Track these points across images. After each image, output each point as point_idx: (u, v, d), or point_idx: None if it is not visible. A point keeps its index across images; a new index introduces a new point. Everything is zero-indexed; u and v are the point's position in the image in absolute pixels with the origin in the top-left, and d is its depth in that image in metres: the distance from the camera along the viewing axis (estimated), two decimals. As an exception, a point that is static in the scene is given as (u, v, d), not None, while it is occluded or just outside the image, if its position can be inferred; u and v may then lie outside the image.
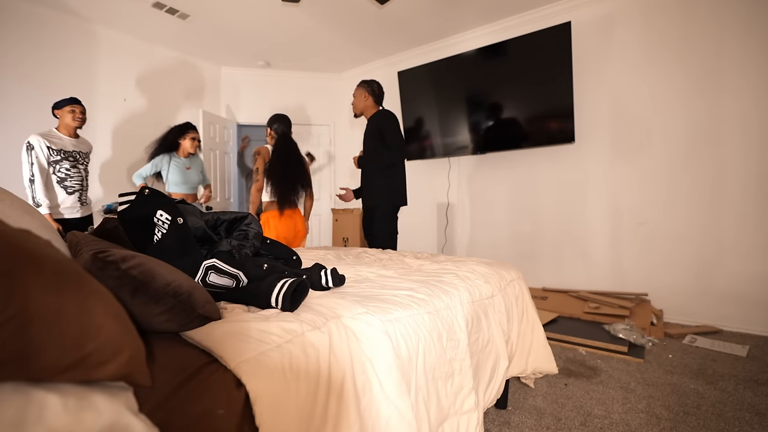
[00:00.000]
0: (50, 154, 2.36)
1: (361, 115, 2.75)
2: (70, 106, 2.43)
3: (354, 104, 2.74)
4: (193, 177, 3.04)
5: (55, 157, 2.36)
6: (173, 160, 2.94)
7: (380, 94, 2.71)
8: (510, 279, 1.48)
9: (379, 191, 2.62)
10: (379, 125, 2.58)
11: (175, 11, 3.24)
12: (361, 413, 0.72)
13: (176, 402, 0.53)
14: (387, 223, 2.62)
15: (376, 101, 2.70)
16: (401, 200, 2.66)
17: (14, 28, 3.00)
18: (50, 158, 2.36)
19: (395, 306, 0.95)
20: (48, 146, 2.34)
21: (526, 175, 3.40)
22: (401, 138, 2.61)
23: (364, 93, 2.69)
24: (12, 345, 0.35)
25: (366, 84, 2.70)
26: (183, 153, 3.00)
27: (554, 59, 3.01)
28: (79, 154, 2.51)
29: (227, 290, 0.91)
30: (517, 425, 1.43)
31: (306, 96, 4.80)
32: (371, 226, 2.67)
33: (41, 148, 2.33)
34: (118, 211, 0.96)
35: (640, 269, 2.86)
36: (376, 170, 2.63)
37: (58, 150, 2.38)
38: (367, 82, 2.71)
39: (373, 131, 2.62)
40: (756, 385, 1.73)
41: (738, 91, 2.50)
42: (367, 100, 2.69)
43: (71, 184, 2.46)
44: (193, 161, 3.07)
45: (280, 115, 2.74)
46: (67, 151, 2.43)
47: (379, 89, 2.71)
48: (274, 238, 2.54)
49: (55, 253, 0.43)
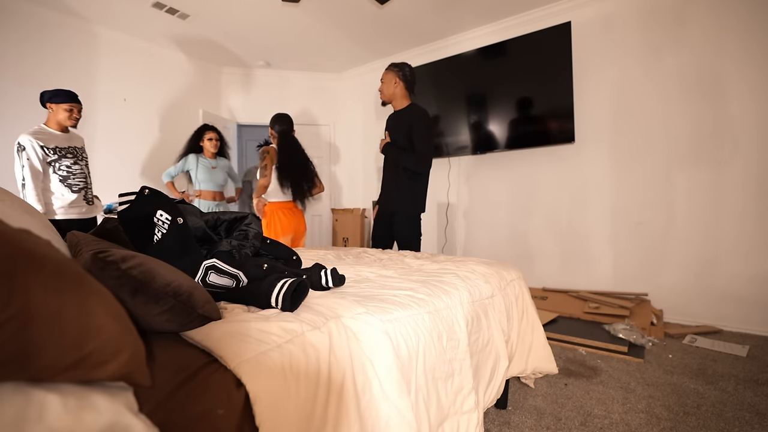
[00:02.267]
0: (46, 154, 2.19)
1: (388, 103, 2.45)
2: (69, 104, 2.28)
3: (381, 90, 2.43)
4: (219, 176, 3.27)
5: (52, 156, 2.20)
6: (200, 160, 3.20)
7: (412, 80, 2.40)
8: (510, 279, 1.48)
9: (401, 196, 2.36)
10: (411, 127, 2.31)
11: (175, 11, 3.24)
12: (361, 413, 0.72)
13: (176, 402, 0.53)
14: (411, 230, 2.38)
15: (407, 88, 2.39)
16: (422, 207, 2.42)
17: (14, 28, 3.00)
18: (47, 158, 2.20)
19: (395, 306, 0.95)
20: (42, 145, 2.17)
21: (526, 175, 3.40)
22: (432, 145, 2.32)
23: (393, 78, 2.36)
24: (12, 345, 0.35)
25: (396, 68, 2.37)
26: (207, 153, 3.23)
27: (554, 59, 3.01)
28: (75, 150, 2.35)
29: (227, 290, 0.91)
30: (517, 425, 1.43)
31: (306, 96, 4.80)
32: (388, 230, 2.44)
33: (34, 149, 2.15)
34: (118, 211, 0.96)
35: (640, 269, 2.86)
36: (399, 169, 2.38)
37: (54, 148, 2.22)
38: (398, 65, 2.38)
39: (403, 126, 2.34)
40: (756, 385, 1.73)
41: (738, 91, 2.50)
42: (396, 86, 2.37)
43: (75, 182, 2.31)
44: (220, 162, 3.31)
45: (279, 115, 2.74)
46: (63, 148, 2.26)
47: (412, 74, 2.39)
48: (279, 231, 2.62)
49: (55, 253, 0.43)
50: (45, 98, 2.28)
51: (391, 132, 2.43)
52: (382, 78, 2.44)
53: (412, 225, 2.40)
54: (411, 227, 2.39)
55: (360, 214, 4.32)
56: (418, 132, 2.28)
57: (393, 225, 2.42)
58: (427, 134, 2.31)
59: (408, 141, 2.32)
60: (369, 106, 4.60)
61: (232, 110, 4.65)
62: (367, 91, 4.61)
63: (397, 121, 2.39)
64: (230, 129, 4.54)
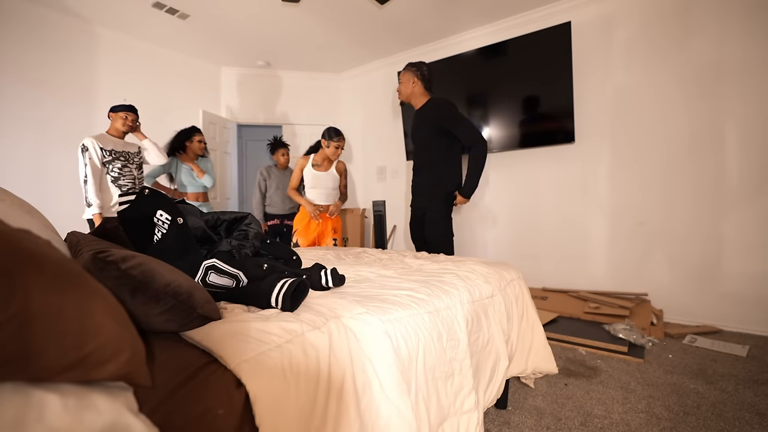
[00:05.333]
0: (103, 155, 2.49)
1: (407, 103, 2.47)
2: (124, 113, 2.60)
3: (400, 90, 2.45)
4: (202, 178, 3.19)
5: (107, 157, 2.50)
6: (181, 162, 3.11)
7: (430, 79, 2.41)
8: (510, 279, 1.48)
9: (432, 191, 2.34)
10: (439, 119, 2.29)
11: (175, 11, 3.24)
12: (361, 413, 0.72)
13: (176, 402, 0.53)
14: (442, 229, 2.35)
15: (425, 86, 2.41)
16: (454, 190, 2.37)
17: (13, 28, 3.00)
18: (104, 159, 2.49)
19: (395, 306, 0.95)
20: (101, 147, 2.47)
21: (526, 175, 3.40)
22: (474, 127, 2.29)
23: (411, 77, 2.39)
24: (12, 345, 0.35)
25: (413, 67, 2.40)
26: (191, 155, 3.15)
27: (554, 59, 3.01)
28: (128, 154, 2.63)
29: (227, 290, 0.91)
30: (517, 425, 1.43)
31: (306, 96, 4.80)
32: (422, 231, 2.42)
33: (95, 149, 2.44)
34: (118, 211, 0.96)
35: (640, 269, 2.86)
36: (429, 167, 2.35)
37: (110, 150, 2.52)
38: (415, 64, 2.41)
39: (427, 121, 2.33)
40: (756, 385, 1.73)
41: (738, 91, 2.50)
42: (415, 86, 2.39)
43: (124, 183, 2.58)
44: (204, 163, 3.23)
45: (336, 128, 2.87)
46: (118, 151, 2.57)
47: (429, 73, 2.41)
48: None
49: (55, 253, 0.43)
50: (109, 111, 2.64)
51: (414, 132, 2.45)
52: (400, 78, 2.47)
53: (443, 224, 2.36)
54: (443, 226, 2.36)
55: (360, 214, 4.32)
56: (454, 126, 2.27)
57: (424, 225, 2.41)
58: (463, 121, 2.29)
59: (435, 134, 2.31)
60: (369, 106, 4.60)
61: (232, 110, 4.65)
62: (367, 91, 4.61)
63: (421, 118, 2.40)
64: (230, 129, 4.54)
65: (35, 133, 3.14)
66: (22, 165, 3.08)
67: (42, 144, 3.17)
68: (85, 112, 3.41)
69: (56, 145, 3.22)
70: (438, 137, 2.31)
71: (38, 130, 3.15)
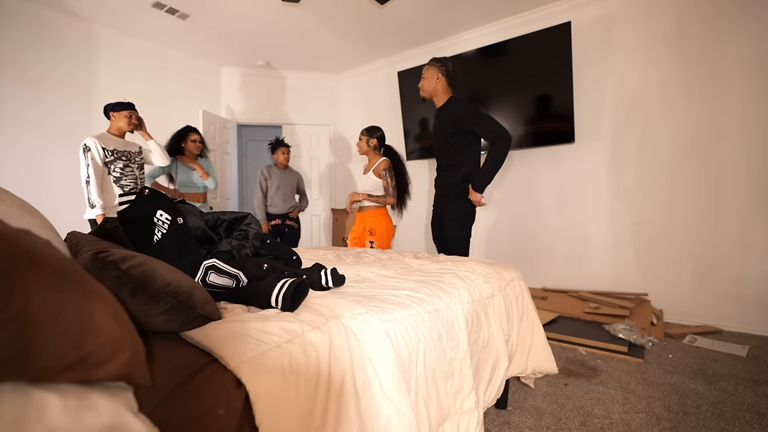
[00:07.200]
0: (105, 155, 2.44)
1: (430, 99, 2.38)
2: (128, 111, 2.55)
3: (423, 86, 2.35)
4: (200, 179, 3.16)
5: (109, 157, 2.46)
6: (180, 163, 3.09)
7: (454, 75, 2.32)
8: (510, 279, 1.48)
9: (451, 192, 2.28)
10: (461, 120, 2.21)
11: (175, 11, 3.24)
12: (361, 413, 0.72)
13: (176, 402, 0.53)
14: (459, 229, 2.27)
15: (449, 83, 2.32)
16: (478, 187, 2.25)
17: (13, 28, 3.00)
18: (106, 159, 2.45)
19: (395, 306, 0.95)
20: (103, 147, 2.43)
21: (525, 175, 3.40)
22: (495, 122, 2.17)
23: (436, 73, 2.29)
24: (12, 345, 0.35)
25: (438, 62, 2.30)
26: (190, 155, 3.13)
27: (554, 59, 3.01)
28: (130, 154, 2.59)
29: (227, 290, 0.91)
30: (517, 425, 1.43)
31: (306, 96, 4.80)
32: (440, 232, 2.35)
33: (97, 150, 2.40)
34: (118, 211, 0.96)
35: (640, 269, 2.86)
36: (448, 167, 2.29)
37: (112, 150, 2.48)
38: (440, 60, 2.31)
39: (448, 122, 2.26)
40: (756, 385, 1.73)
41: (738, 91, 2.50)
42: (438, 82, 2.29)
43: (126, 183, 2.55)
44: (204, 164, 3.21)
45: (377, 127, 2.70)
46: (120, 151, 2.52)
47: (454, 69, 2.31)
48: (392, 232, 2.67)
49: (55, 253, 0.43)
50: (108, 110, 2.56)
51: (436, 131, 2.36)
52: (423, 73, 2.35)
53: (460, 224, 2.28)
54: (459, 226, 2.28)
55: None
56: (477, 126, 2.18)
57: (442, 225, 2.34)
58: (485, 119, 2.19)
59: (455, 134, 2.24)
60: (369, 106, 4.60)
61: (232, 110, 4.65)
62: (367, 90, 4.61)
63: (441, 117, 2.33)
64: (230, 129, 4.54)
65: (34, 131, 3.14)
66: (21, 163, 3.08)
67: (41, 142, 3.17)
68: (84, 110, 3.41)
69: (55, 144, 3.23)
70: (458, 137, 2.25)
71: (37, 129, 3.16)
